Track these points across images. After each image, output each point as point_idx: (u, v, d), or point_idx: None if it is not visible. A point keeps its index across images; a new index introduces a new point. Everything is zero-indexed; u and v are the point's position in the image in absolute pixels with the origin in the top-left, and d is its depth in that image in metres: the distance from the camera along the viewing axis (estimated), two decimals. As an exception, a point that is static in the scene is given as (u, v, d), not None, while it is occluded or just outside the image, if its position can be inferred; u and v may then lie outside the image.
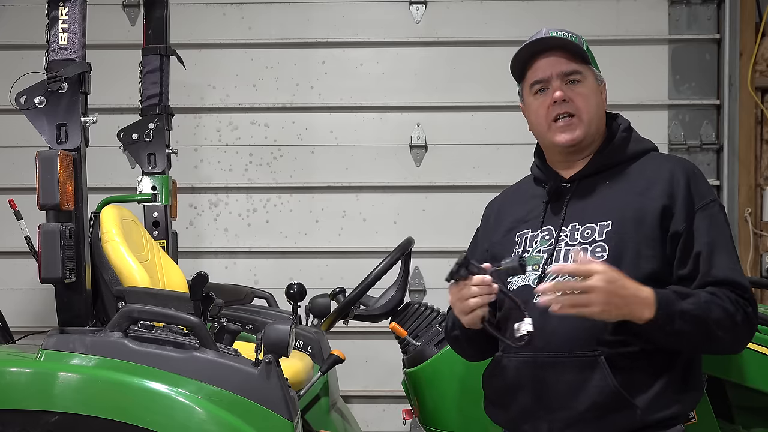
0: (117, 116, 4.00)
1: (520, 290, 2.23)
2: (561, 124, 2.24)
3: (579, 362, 2.12)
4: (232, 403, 2.44)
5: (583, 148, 2.28)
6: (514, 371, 2.22)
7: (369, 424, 4.27)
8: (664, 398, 2.10)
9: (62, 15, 2.65)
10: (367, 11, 4.43)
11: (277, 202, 4.43)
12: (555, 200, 2.29)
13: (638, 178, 2.23)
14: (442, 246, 4.29)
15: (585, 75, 2.26)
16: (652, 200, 2.16)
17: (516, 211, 2.38)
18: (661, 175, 2.20)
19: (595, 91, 2.28)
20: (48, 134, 2.65)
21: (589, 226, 2.19)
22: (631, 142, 2.30)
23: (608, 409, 2.10)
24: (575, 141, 2.25)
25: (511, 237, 2.33)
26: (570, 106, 2.23)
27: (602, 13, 4.37)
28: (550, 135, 2.26)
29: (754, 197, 4.34)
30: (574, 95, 2.23)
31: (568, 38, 2.25)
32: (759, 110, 4.36)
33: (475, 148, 4.38)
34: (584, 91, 2.25)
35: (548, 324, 2.15)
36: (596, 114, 2.27)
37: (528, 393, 2.19)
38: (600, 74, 2.32)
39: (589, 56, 2.28)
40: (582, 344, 2.12)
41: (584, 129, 2.24)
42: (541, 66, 2.27)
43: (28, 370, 2.52)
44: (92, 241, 2.84)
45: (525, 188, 2.45)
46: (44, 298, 4.09)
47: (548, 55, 2.26)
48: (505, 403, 2.27)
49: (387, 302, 2.98)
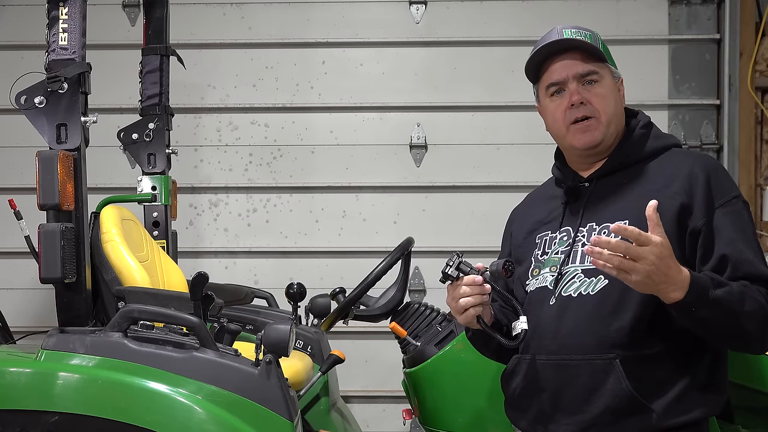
0: (117, 116, 4.00)
1: (536, 291, 2.22)
2: (579, 127, 2.21)
3: (594, 365, 2.09)
4: (232, 403, 2.44)
5: (602, 149, 2.25)
6: (530, 374, 2.20)
7: (369, 424, 4.27)
8: (682, 402, 2.07)
9: (62, 15, 2.65)
10: (367, 11, 4.43)
11: (277, 202, 4.43)
12: (573, 201, 2.27)
13: (657, 176, 2.19)
14: (442, 246, 4.28)
15: (602, 74, 2.23)
16: (671, 198, 2.11)
17: (537, 214, 2.36)
18: (680, 171, 2.15)
19: (613, 90, 2.24)
20: (48, 134, 2.64)
21: (606, 225, 2.15)
22: (650, 139, 2.26)
23: (623, 413, 2.07)
24: (595, 143, 2.22)
25: (531, 239, 2.32)
26: (588, 108, 2.20)
27: (602, 13, 4.36)
28: (569, 138, 2.24)
29: (754, 197, 4.34)
30: (591, 96, 2.20)
31: (583, 38, 2.21)
32: (759, 110, 4.35)
33: (475, 148, 4.38)
34: (602, 91, 2.22)
35: (563, 327, 2.14)
36: (615, 113, 2.23)
37: (544, 396, 2.17)
38: (617, 70, 2.29)
39: (605, 53, 2.25)
40: (597, 347, 2.09)
41: (603, 130, 2.21)
42: (556, 68, 2.23)
43: (28, 370, 2.52)
44: (92, 241, 2.84)
45: (546, 190, 2.43)
46: (44, 298, 4.09)
47: (563, 57, 2.23)
48: (523, 405, 2.25)
49: (387, 302, 2.97)
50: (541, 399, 2.18)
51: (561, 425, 2.15)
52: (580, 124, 2.21)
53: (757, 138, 4.37)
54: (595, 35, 2.26)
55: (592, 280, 2.13)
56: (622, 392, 2.06)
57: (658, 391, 2.07)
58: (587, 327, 2.10)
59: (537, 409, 2.19)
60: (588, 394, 2.10)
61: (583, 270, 2.15)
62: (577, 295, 2.14)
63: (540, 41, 2.27)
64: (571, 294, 2.15)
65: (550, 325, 2.16)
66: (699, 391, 2.09)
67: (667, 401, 2.06)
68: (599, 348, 2.09)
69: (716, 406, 2.15)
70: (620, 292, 2.08)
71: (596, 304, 2.11)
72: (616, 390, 2.07)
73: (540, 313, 2.19)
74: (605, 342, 2.09)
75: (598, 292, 2.11)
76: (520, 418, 2.28)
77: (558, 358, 2.14)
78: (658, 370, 2.08)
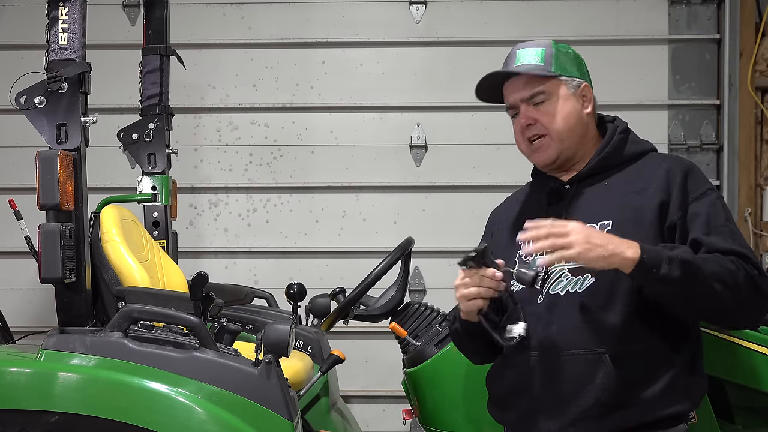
0: (117, 116, 4.00)
1: (523, 290, 2.22)
2: (534, 146, 2.29)
3: (583, 360, 2.13)
4: (232, 403, 2.44)
5: (566, 161, 2.30)
6: (518, 371, 2.22)
7: (369, 424, 4.28)
8: (668, 396, 2.11)
9: (62, 15, 2.65)
10: (367, 11, 4.43)
11: (277, 202, 4.44)
12: (555, 203, 2.31)
13: (636, 178, 2.24)
14: (442, 246, 4.29)
15: (549, 92, 2.26)
16: (650, 198, 2.17)
17: (519, 215, 2.39)
18: (658, 173, 2.21)
19: (566, 103, 2.27)
20: (48, 134, 2.65)
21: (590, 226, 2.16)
22: (628, 144, 2.31)
23: (612, 407, 2.11)
24: (550, 160, 2.29)
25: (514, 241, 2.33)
26: (538, 128, 2.27)
27: (602, 13, 4.37)
28: (530, 156, 2.33)
29: (754, 197, 4.35)
30: (539, 116, 2.26)
31: (529, 62, 2.27)
32: (759, 110, 4.36)
33: (475, 148, 4.38)
34: (550, 109, 2.26)
35: (553, 324, 2.17)
36: (566, 127, 2.27)
37: (532, 392, 2.19)
38: (576, 78, 2.30)
39: (557, 66, 2.27)
40: (586, 342, 2.13)
41: (556, 146, 2.27)
42: (507, 92, 2.33)
43: (28, 370, 2.52)
44: (92, 241, 2.84)
45: (527, 193, 2.47)
46: (44, 298, 4.09)
47: (510, 82, 2.32)
48: (508, 403, 2.27)
49: (387, 302, 2.97)
50: (529, 395, 2.20)
51: (550, 420, 2.17)
52: (534, 143, 2.29)
53: (757, 138, 4.37)
54: (546, 50, 2.29)
55: (579, 279, 2.17)
56: (611, 386, 2.10)
57: (644, 384, 2.11)
58: (577, 323, 2.14)
59: (526, 405, 2.21)
60: (577, 389, 2.13)
61: (570, 269, 2.19)
62: (564, 293, 2.18)
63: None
64: (559, 292, 2.19)
65: (538, 323, 2.19)
66: (683, 384, 2.13)
67: (654, 395, 2.10)
68: (589, 343, 2.13)
69: (698, 399, 2.19)
70: (608, 289, 2.13)
71: (585, 302, 2.15)
72: (605, 384, 2.10)
73: (528, 311, 2.20)
74: (595, 338, 2.12)
75: (585, 289, 2.15)
76: (507, 415, 2.30)
77: (547, 355, 2.17)
78: (645, 363, 2.12)
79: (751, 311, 2.11)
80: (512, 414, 2.27)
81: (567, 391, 2.14)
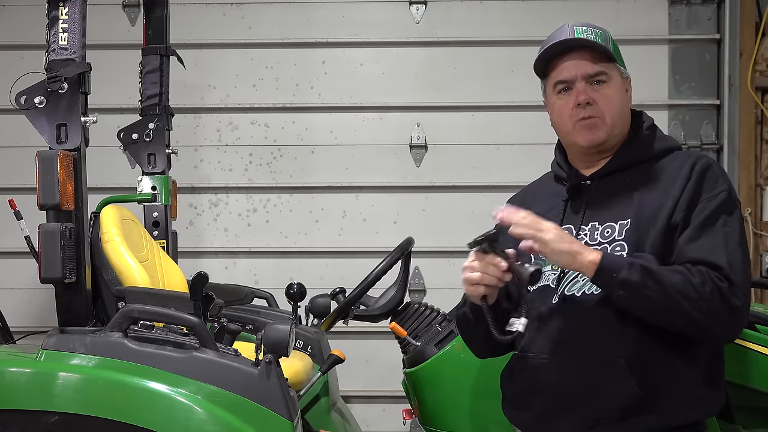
0: (117, 116, 3.99)
1: (538, 289, 2.21)
2: (585, 124, 2.20)
3: (599, 365, 2.09)
4: (232, 403, 2.44)
5: (605, 149, 2.25)
6: (533, 373, 2.20)
7: (369, 424, 4.27)
8: (685, 402, 2.08)
9: (62, 15, 2.65)
10: (367, 11, 4.43)
11: (277, 202, 4.44)
12: (575, 198, 2.26)
13: (659, 176, 2.19)
14: (442, 246, 4.29)
15: (610, 75, 2.22)
16: (670, 197, 2.12)
17: (536, 210, 2.32)
18: (681, 172, 2.16)
19: (620, 91, 2.24)
20: (48, 134, 2.64)
21: (609, 225, 2.16)
22: (656, 141, 2.27)
23: (628, 412, 2.07)
24: (598, 141, 2.22)
25: None
26: (593, 109, 2.20)
27: (602, 13, 4.36)
28: (573, 135, 2.23)
29: (754, 197, 4.35)
30: (598, 97, 2.20)
31: (593, 37, 2.21)
32: (759, 110, 4.35)
33: (475, 148, 4.38)
34: (609, 92, 2.21)
35: (568, 325, 2.14)
36: (620, 114, 2.23)
37: (547, 395, 2.17)
38: (626, 71, 2.29)
39: (615, 53, 2.25)
40: (602, 346, 2.10)
41: (607, 131, 2.21)
42: (565, 66, 2.22)
43: (28, 370, 2.52)
44: (92, 241, 2.84)
45: (545, 186, 2.42)
46: (44, 298, 4.09)
47: (573, 55, 2.22)
48: (524, 404, 2.24)
49: (387, 302, 2.97)
50: (544, 397, 2.18)
51: (564, 424, 2.14)
52: (585, 121, 2.21)
53: (757, 138, 4.37)
54: (606, 34, 2.25)
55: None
56: (627, 391, 2.06)
57: (661, 390, 2.07)
58: (592, 326, 2.11)
59: (539, 407, 2.19)
60: (592, 393, 2.10)
61: None
62: (580, 294, 2.14)
63: (550, 38, 2.26)
64: (575, 293, 2.15)
65: (553, 324, 2.16)
66: (701, 391, 2.10)
67: (671, 401, 2.07)
68: (604, 347, 2.09)
69: (716, 406, 2.16)
70: None
71: (601, 304, 2.11)
72: (621, 389, 2.07)
73: (542, 311, 2.19)
74: (610, 341, 2.09)
75: (601, 291, 2.11)
76: (521, 416, 2.27)
77: (562, 357, 2.14)
78: (661, 369, 2.08)
79: (719, 324, 2.03)
80: (527, 414, 2.24)
81: (581, 395, 2.11)
